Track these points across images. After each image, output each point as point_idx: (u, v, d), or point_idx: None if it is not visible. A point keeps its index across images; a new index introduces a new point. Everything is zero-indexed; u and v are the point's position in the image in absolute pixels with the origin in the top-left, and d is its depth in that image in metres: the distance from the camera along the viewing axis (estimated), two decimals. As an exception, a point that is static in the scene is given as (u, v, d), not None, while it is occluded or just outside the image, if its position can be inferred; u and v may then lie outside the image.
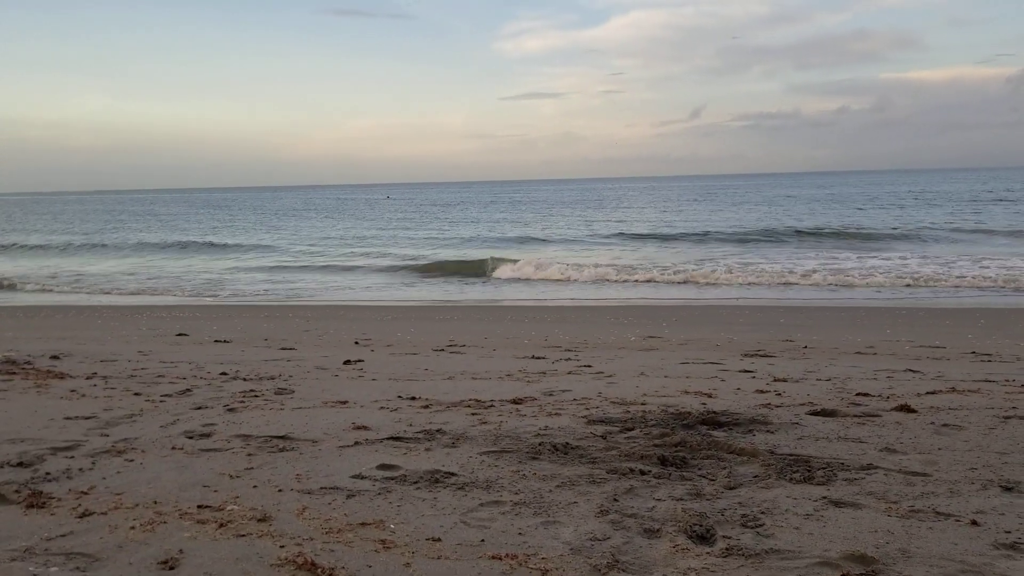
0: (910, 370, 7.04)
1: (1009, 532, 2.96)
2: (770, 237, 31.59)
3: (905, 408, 5.04)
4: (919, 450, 4.12)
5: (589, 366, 7.43)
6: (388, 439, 4.40)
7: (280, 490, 3.53)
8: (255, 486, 3.59)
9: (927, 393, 5.71)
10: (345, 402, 5.54)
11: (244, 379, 6.58)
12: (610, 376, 6.73)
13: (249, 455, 4.10)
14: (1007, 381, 6.30)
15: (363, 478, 3.69)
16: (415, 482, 3.62)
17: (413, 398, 5.64)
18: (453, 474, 3.72)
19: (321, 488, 3.55)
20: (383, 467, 3.85)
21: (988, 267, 20.12)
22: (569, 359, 8.05)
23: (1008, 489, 3.45)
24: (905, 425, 4.66)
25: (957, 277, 18.67)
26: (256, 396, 5.77)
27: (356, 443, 4.32)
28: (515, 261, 24.27)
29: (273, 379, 6.61)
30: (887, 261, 22.46)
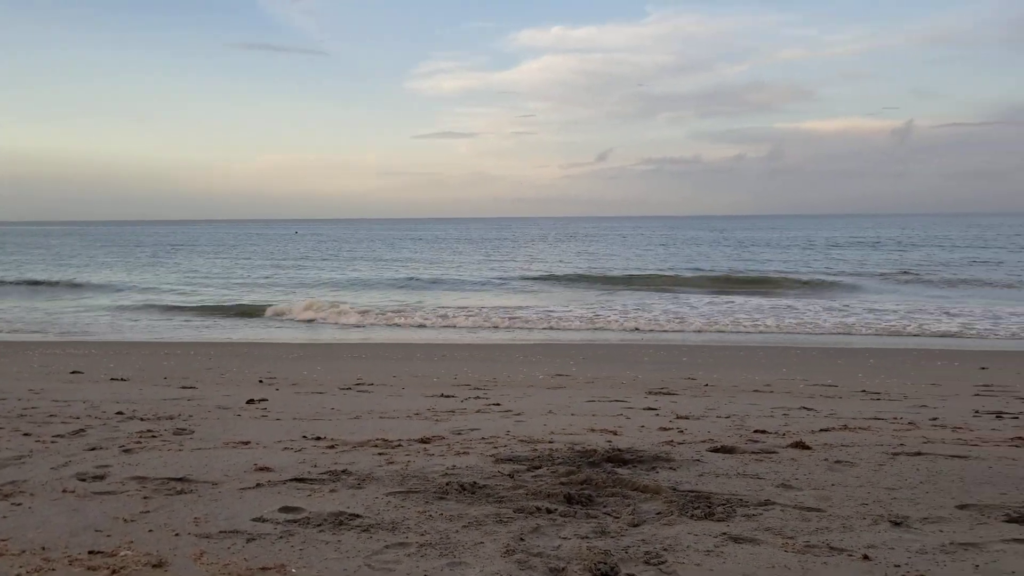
0: (805, 408, 7.30)
1: (899, 566, 3.09)
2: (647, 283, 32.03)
3: (800, 445, 5.22)
4: (814, 486, 4.27)
5: (498, 404, 7.45)
6: (291, 480, 4.31)
7: (177, 534, 3.42)
8: (151, 530, 3.46)
9: (821, 430, 5.92)
10: (247, 442, 5.40)
11: (141, 419, 6.35)
12: (518, 414, 6.76)
13: (145, 498, 3.95)
14: (895, 418, 6.59)
15: (264, 521, 3.61)
16: (319, 525, 3.55)
17: (318, 438, 5.55)
18: (358, 516, 3.67)
19: (220, 532, 3.45)
20: (286, 509, 3.77)
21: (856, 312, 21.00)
22: (478, 397, 8.06)
23: (897, 524, 3.61)
24: (800, 461, 4.82)
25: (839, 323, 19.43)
26: (154, 436, 5.58)
27: (258, 485, 4.22)
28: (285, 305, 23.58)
29: (172, 419, 6.40)
30: (772, 301, 23.33)
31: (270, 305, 23.84)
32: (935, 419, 6.57)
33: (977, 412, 7.03)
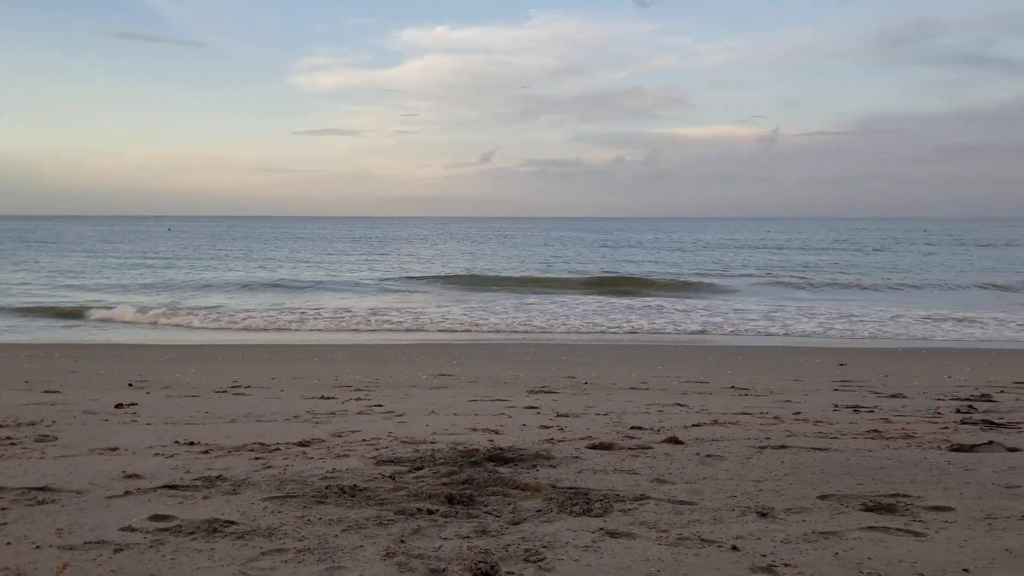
0: (678, 404, 7.56)
1: (765, 555, 3.24)
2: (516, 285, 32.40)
3: (674, 440, 5.42)
4: (686, 480, 4.43)
5: (380, 405, 7.39)
6: (163, 487, 4.16)
7: (38, 546, 3.24)
8: (8, 543, 3.27)
9: (693, 426, 6.15)
10: (115, 449, 5.17)
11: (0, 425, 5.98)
12: (400, 415, 6.73)
13: (3, 509, 3.73)
14: (762, 413, 6.91)
15: (133, 530, 3.47)
16: (191, 533, 3.44)
17: (192, 443, 5.37)
18: (233, 522, 3.58)
19: (85, 543, 3.29)
20: (156, 518, 3.63)
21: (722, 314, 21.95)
22: (360, 399, 7.97)
23: (763, 515, 3.79)
24: (674, 456, 5.00)
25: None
26: (13, 444, 5.27)
27: (126, 492, 4.05)
28: (111, 307, 22.05)
29: (33, 425, 6.06)
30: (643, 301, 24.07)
31: (92, 308, 22.20)
32: (798, 413, 6.92)
33: (836, 406, 7.45)
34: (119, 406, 7.22)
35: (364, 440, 5.50)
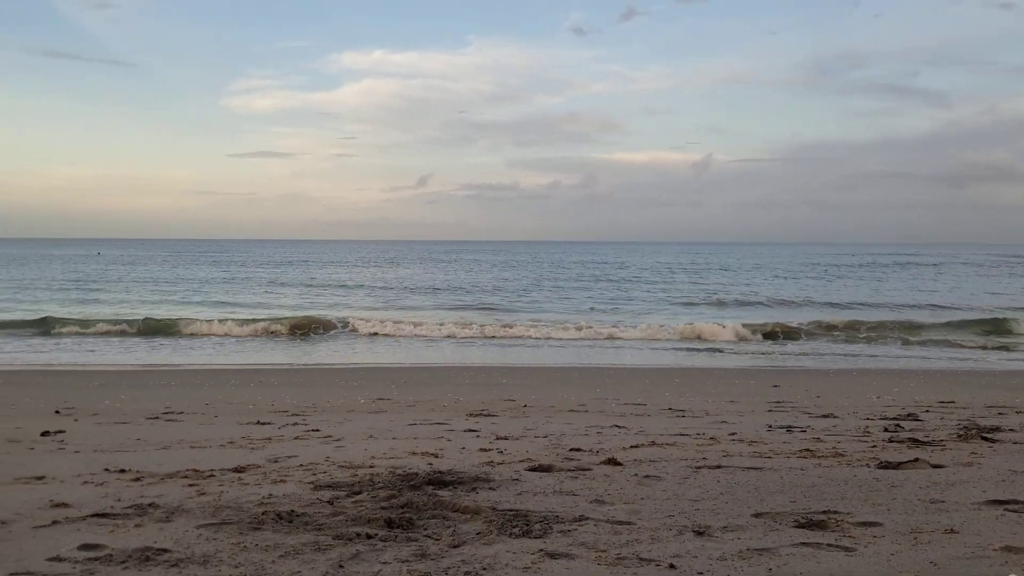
0: (617, 426, 7.64)
1: (701, 573, 3.30)
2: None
3: (612, 461, 5.47)
4: (624, 500, 4.48)
5: (317, 430, 7.30)
6: (92, 516, 4.05)
7: (-41, 581, 3.13)
8: (-73, 579, 3.15)
9: (631, 447, 6.22)
10: (42, 478, 5.02)
11: (-86, 456, 5.75)
12: (338, 440, 6.66)
13: (-81, 543, 3.59)
14: (698, 434, 7.02)
15: (62, 560, 3.37)
16: (123, 562, 3.36)
17: (123, 471, 5.24)
18: (166, 550, 3.50)
19: (11, 574, 3.19)
20: (85, 547, 3.53)
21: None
22: (296, 423, 7.86)
23: (700, 533, 3.85)
24: (613, 477, 5.05)
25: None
26: (-71, 475, 5.07)
27: (54, 522, 3.94)
28: None
29: (-49, 455, 5.83)
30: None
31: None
32: (734, 434, 7.05)
33: (770, 426, 7.61)
34: (45, 434, 7.00)
35: (301, 465, 5.43)
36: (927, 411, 8.94)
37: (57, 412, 8.98)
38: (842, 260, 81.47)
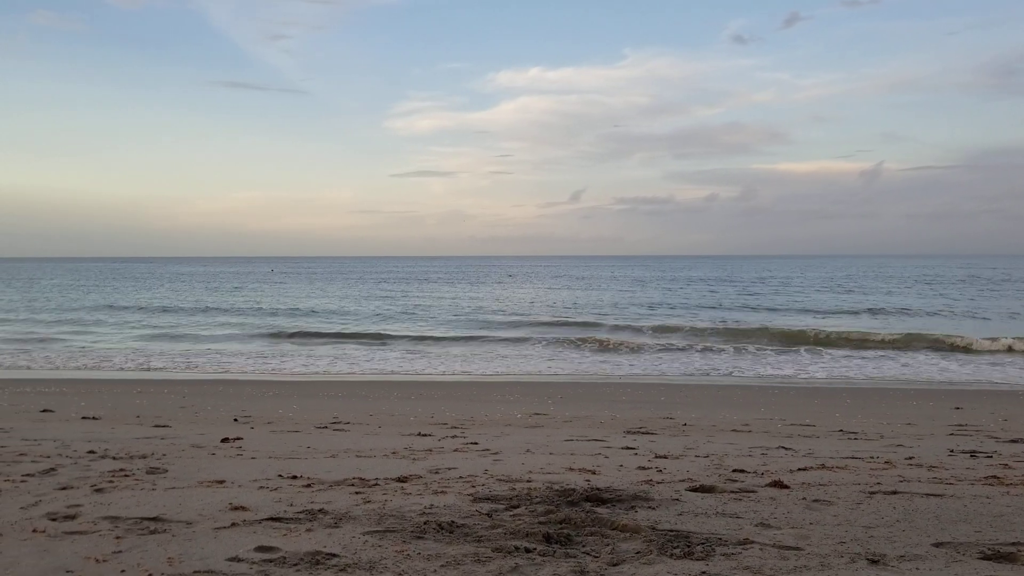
0: (783, 447, 7.32)
1: (875, 603, 3.09)
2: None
3: (778, 484, 5.23)
4: (792, 525, 4.27)
5: (475, 443, 7.41)
6: (267, 520, 4.25)
7: (150, 574, 3.35)
8: (123, 571, 3.39)
9: (799, 469, 5.94)
10: (222, 481, 5.33)
11: (114, 458, 6.25)
12: (496, 453, 6.73)
13: (117, 538, 3.88)
14: (871, 458, 6.62)
15: (240, 561, 3.55)
16: (295, 564, 3.50)
17: (294, 477, 5.48)
18: (335, 555, 3.62)
19: (195, 572, 3.39)
20: (261, 549, 3.71)
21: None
22: (455, 436, 8.01)
23: (874, 562, 3.61)
24: (779, 500, 4.83)
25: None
26: (126, 476, 5.49)
27: (233, 524, 4.16)
28: None
29: (145, 458, 6.30)
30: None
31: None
32: (911, 458, 6.61)
33: (952, 451, 7.08)
34: (225, 440, 7.45)
35: (461, 477, 5.51)
36: None
37: (235, 420, 9.56)
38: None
